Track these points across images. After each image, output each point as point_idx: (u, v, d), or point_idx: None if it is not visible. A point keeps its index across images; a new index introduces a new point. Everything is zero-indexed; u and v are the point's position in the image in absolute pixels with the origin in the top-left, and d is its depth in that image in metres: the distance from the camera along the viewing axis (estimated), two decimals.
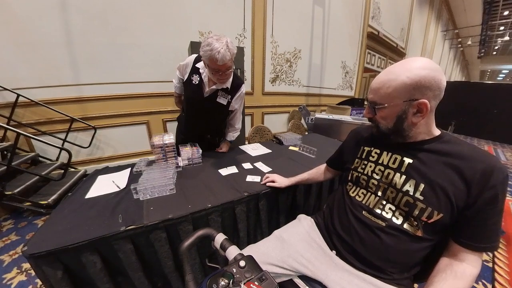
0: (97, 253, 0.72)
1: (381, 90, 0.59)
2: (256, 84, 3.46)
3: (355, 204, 0.70)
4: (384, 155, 0.68)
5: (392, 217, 0.62)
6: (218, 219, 0.92)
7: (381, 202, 0.65)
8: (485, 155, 0.55)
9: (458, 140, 0.60)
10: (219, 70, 1.09)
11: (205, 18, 2.70)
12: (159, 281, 0.89)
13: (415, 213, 0.58)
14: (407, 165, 0.62)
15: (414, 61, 0.56)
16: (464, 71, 18.30)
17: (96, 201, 0.92)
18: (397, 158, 0.64)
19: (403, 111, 0.57)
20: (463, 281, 0.52)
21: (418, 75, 0.53)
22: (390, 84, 0.56)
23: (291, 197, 1.18)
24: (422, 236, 0.58)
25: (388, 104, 0.58)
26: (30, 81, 2.00)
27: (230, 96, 1.30)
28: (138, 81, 2.45)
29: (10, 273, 1.29)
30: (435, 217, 0.55)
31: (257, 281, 0.40)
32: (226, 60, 1.03)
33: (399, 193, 0.61)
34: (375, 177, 0.68)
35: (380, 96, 0.59)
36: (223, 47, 1.00)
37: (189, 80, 1.26)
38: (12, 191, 1.62)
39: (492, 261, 1.50)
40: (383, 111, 0.61)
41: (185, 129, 1.51)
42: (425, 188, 0.57)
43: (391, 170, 0.64)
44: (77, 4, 2.01)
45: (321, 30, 4.11)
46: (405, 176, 0.61)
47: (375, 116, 0.63)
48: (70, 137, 2.24)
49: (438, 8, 8.35)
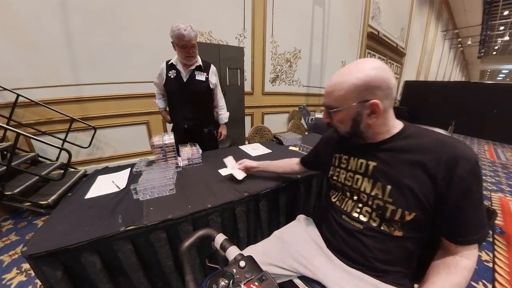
0: (97, 254, 0.72)
1: (334, 93, 0.58)
2: (256, 84, 3.46)
3: (336, 209, 0.71)
4: (351, 161, 0.68)
5: (369, 219, 0.62)
6: (218, 219, 0.92)
7: (358, 206, 0.65)
8: (449, 144, 0.53)
9: (420, 132, 0.59)
10: (186, 45, 1.30)
11: (205, 18, 2.70)
12: (159, 281, 0.89)
13: (387, 216, 0.57)
14: (372, 169, 0.61)
15: (363, 62, 0.56)
16: (464, 71, 18.31)
17: (96, 201, 0.92)
18: (362, 162, 0.64)
19: (357, 113, 0.57)
20: (458, 274, 0.51)
21: (367, 75, 0.53)
22: (342, 86, 0.56)
23: (292, 197, 1.18)
24: (402, 235, 0.57)
25: (342, 107, 0.58)
26: (30, 81, 2.00)
27: (206, 73, 1.48)
28: (138, 81, 2.45)
29: (9, 274, 1.29)
30: (407, 216, 0.55)
31: (257, 281, 0.40)
32: (191, 36, 1.26)
33: (369, 197, 0.61)
34: (347, 184, 0.68)
35: (334, 99, 0.59)
36: (187, 27, 1.24)
37: (168, 78, 1.44)
38: (12, 191, 1.62)
39: (492, 261, 1.49)
40: (338, 115, 0.61)
41: (179, 127, 1.57)
42: (392, 190, 0.57)
43: (359, 175, 0.64)
44: (77, 4, 2.01)
45: (321, 30, 4.11)
46: (372, 180, 0.61)
47: (332, 120, 0.64)
48: (70, 137, 2.24)
49: (438, 8, 8.36)
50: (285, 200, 1.13)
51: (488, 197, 2.47)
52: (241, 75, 2.79)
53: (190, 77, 1.43)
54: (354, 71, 0.55)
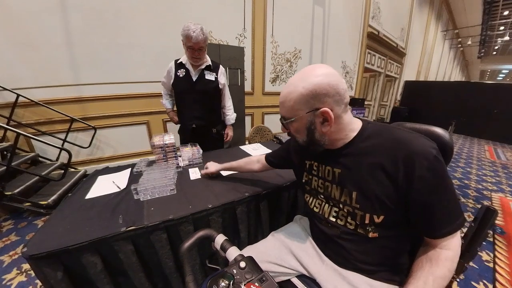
0: (98, 254, 0.72)
1: (285, 104, 0.57)
2: (256, 84, 3.46)
3: (315, 216, 0.71)
4: (321, 168, 0.67)
5: (345, 223, 0.61)
6: (219, 219, 0.92)
7: (334, 210, 0.65)
8: (404, 141, 0.51)
9: (379, 131, 0.57)
10: (193, 47, 1.29)
11: (205, 18, 2.70)
12: (159, 282, 0.89)
13: (358, 220, 0.57)
14: (338, 176, 0.61)
15: (309, 70, 0.55)
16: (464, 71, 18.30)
17: (96, 202, 0.91)
18: (329, 170, 0.64)
19: (310, 122, 0.56)
20: (440, 266, 0.50)
21: (312, 83, 0.52)
22: (291, 97, 0.55)
23: (292, 197, 1.17)
24: (378, 235, 0.57)
25: (295, 118, 0.57)
26: (30, 81, 2.00)
27: (215, 73, 1.48)
28: (138, 81, 2.45)
29: (10, 274, 1.29)
30: (377, 219, 0.54)
31: (257, 282, 0.40)
32: (198, 40, 1.25)
33: (339, 203, 0.61)
34: (320, 191, 0.68)
35: (286, 110, 0.58)
36: (197, 29, 1.24)
37: (176, 77, 1.43)
38: (12, 191, 1.62)
39: (493, 261, 1.49)
40: (293, 125, 0.59)
41: (188, 125, 1.57)
42: (358, 195, 0.56)
43: (329, 183, 0.64)
44: (77, 4, 2.01)
45: (321, 30, 4.10)
46: (339, 187, 0.61)
47: (289, 130, 0.62)
48: (70, 137, 2.24)
49: (438, 8, 8.35)
50: (286, 200, 1.13)
51: (488, 197, 2.47)
52: (241, 75, 2.79)
53: (199, 76, 1.43)
54: (300, 81, 0.54)
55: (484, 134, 5.72)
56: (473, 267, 1.44)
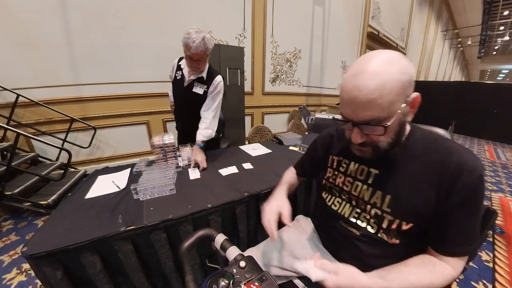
0: (97, 254, 0.72)
1: (378, 101, 0.44)
2: (256, 84, 3.46)
3: (333, 214, 0.68)
4: (352, 166, 0.64)
5: (367, 225, 0.59)
6: (218, 219, 0.92)
7: (356, 211, 0.62)
8: (456, 153, 0.49)
9: (426, 137, 0.54)
10: (191, 57, 1.19)
11: (205, 18, 2.70)
12: (159, 281, 0.89)
13: (384, 225, 0.55)
14: (374, 176, 0.58)
15: (384, 53, 0.46)
16: (464, 71, 18.31)
17: (96, 202, 0.92)
18: (364, 169, 0.60)
19: (403, 115, 0.48)
20: (440, 278, 0.48)
21: (406, 65, 0.45)
22: (388, 89, 0.43)
23: (292, 197, 1.17)
24: (399, 243, 0.55)
25: (394, 116, 0.45)
26: (30, 81, 2.00)
27: (206, 86, 1.36)
28: (138, 81, 2.45)
29: (10, 274, 1.29)
30: (404, 226, 0.52)
31: (257, 281, 0.40)
32: (198, 50, 1.14)
33: (367, 205, 0.59)
34: (345, 189, 0.65)
35: (381, 108, 0.44)
36: (198, 39, 1.11)
37: (175, 77, 1.41)
38: (12, 191, 1.62)
39: (492, 261, 1.49)
40: (390, 128, 0.47)
41: (179, 127, 1.60)
42: (391, 200, 0.54)
43: (359, 182, 0.61)
44: (77, 4, 2.01)
45: (321, 30, 4.11)
46: (372, 188, 0.58)
47: (370, 137, 0.50)
48: (70, 137, 2.24)
49: (438, 8, 8.35)
50: None
51: (488, 197, 2.46)
52: (241, 75, 2.79)
53: (188, 86, 1.37)
54: (389, 65, 0.44)
55: (484, 134, 5.71)
56: (473, 267, 1.44)
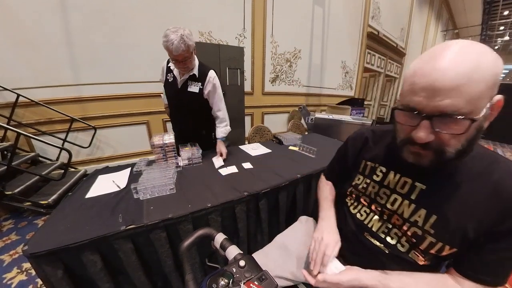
0: (98, 253, 0.72)
1: (466, 87, 0.34)
2: (256, 84, 3.46)
3: (356, 223, 0.62)
4: (391, 176, 0.55)
5: (397, 243, 0.54)
6: (218, 218, 0.92)
7: (387, 226, 0.56)
8: None
9: (484, 154, 0.47)
10: (176, 59, 1.15)
11: (205, 18, 2.70)
12: (159, 280, 0.89)
13: (422, 246, 0.49)
14: (419, 192, 0.50)
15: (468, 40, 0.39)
16: None
17: (96, 201, 0.92)
18: (407, 182, 0.52)
19: (485, 118, 0.39)
20: None
21: (497, 57, 0.37)
22: (479, 76, 0.34)
23: (291, 196, 1.18)
24: (428, 264, 0.50)
25: (479, 113, 0.37)
26: (30, 81, 2.00)
27: (201, 83, 1.33)
28: (138, 81, 2.45)
29: (10, 273, 1.29)
30: (446, 251, 0.46)
31: (257, 280, 0.40)
32: (179, 51, 1.08)
33: (405, 222, 0.52)
34: (378, 201, 0.57)
35: (468, 99, 0.35)
36: (177, 39, 1.05)
37: (166, 80, 1.37)
38: (12, 191, 1.62)
39: None
40: (464, 125, 0.37)
41: (175, 128, 1.58)
42: (437, 221, 0.47)
43: (399, 196, 0.53)
44: (77, 4, 2.01)
45: (321, 30, 4.11)
46: (414, 205, 0.50)
47: (440, 136, 0.40)
48: (70, 137, 2.24)
49: (438, 8, 8.34)
50: (285, 200, 1.13)
51: None
52: (241, 75, 2.79)
53: (183, 86, 1.33)
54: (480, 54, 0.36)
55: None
56: None
